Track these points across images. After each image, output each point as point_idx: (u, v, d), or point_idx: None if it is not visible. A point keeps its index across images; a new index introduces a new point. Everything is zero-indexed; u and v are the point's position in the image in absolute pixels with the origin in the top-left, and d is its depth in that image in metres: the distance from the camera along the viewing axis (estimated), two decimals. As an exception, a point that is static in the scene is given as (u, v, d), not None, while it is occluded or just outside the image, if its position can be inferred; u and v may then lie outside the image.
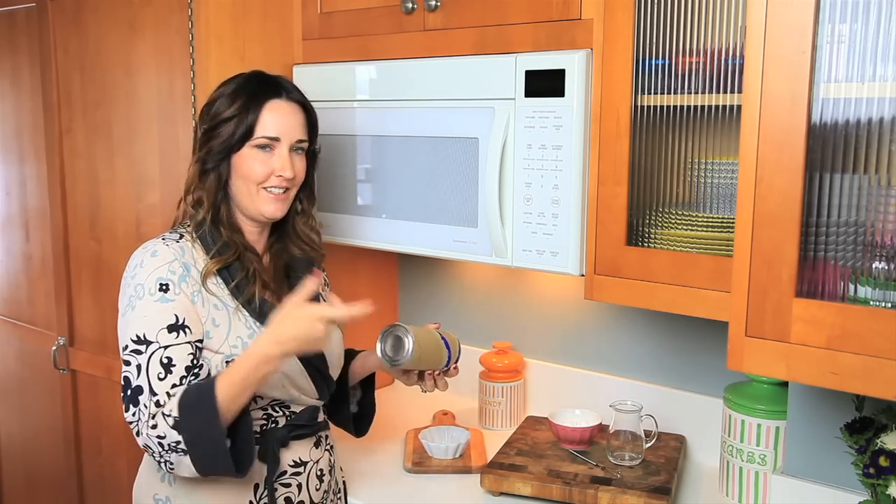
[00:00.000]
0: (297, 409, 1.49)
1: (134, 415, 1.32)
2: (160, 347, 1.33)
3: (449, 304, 2.25)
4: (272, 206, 1.47)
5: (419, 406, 2.11)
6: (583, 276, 1.55)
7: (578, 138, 1.51)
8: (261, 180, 1.45)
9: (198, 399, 1.30)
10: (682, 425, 1.84)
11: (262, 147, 1.44)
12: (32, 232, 2.39)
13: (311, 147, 1.53)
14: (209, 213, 1.45)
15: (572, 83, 1.49)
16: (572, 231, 1.54)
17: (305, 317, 1.31)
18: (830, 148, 1.17)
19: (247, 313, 1.43)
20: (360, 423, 1.71)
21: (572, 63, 1.49)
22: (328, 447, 1.57)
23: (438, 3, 1.69)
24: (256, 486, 1.45)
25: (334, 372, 1.56)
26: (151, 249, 1.40)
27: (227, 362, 1.39)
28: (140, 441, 1.33)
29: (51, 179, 2.25)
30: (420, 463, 1.77)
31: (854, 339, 1.12)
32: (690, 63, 1.42)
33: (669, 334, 1.87)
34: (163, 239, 1.42)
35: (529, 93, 1.54)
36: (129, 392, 1.33)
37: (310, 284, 1.35)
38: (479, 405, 2.06)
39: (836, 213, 1.18)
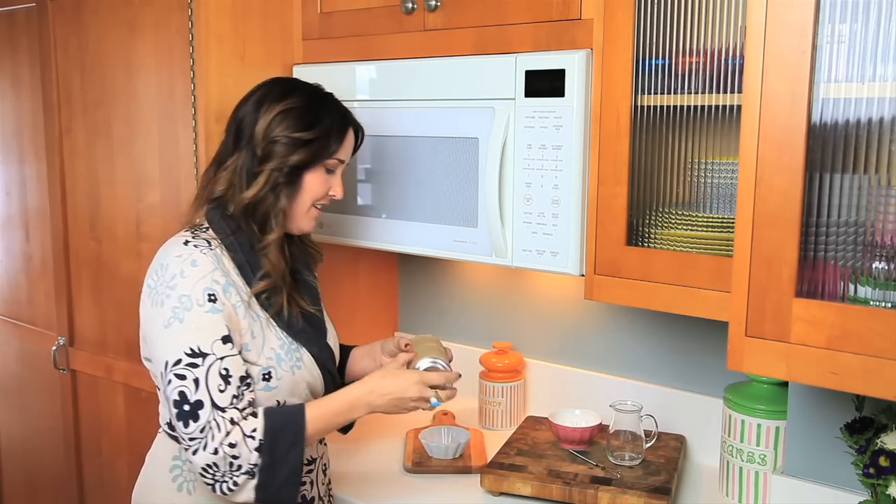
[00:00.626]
0: None
1: (202, 431, 1.28)
2: (217, 359, 1.31)
3: (449, 304, 2.25)
4: (312, 224, 1.50)
5: (419, 406, 2.11)
6: (583, 276, 1.55)
7: (578, 138, 1.51)
8: (319, 199, 1.47)
9: (285, 424, 1.33)
10: (682, 425, 1.84)
11: (329, 169, 1.47)
12: (32, 232, 2.39)
13: None
14: (260, 224, 1.42)
15: (572, 83, 1.49)
16: (572, 231, 1.54)
17: (412, 379, 1.43)
18: (830, 148, 1.17)
19: (276, 325, 1.43)
20: None
21: (572, 63, 1.49)
22: (324, 441, 1.59)
23: (438, 3, 1.69)
24: None
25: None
26: (189, 258, 1.34)
27: (263, 375, 1.38)
28: (198, 458, 1.29)
29: (51, 179, 2.25)
30: (420, 463, 1.77)
31: (854, 339, 1.12)
32: (690, 63, 1.42)
33: (669, 334, 1.87)
34: (195, 246, 1.37)
35: (529, 93, 1.54)
36: (186, 407, 1.29)
37: (403, 357, 1.52)
38: (479, 405, 2.06)
39: (836, 213, 1.18)
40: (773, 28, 1.15)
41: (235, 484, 1.29)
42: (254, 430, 1.31)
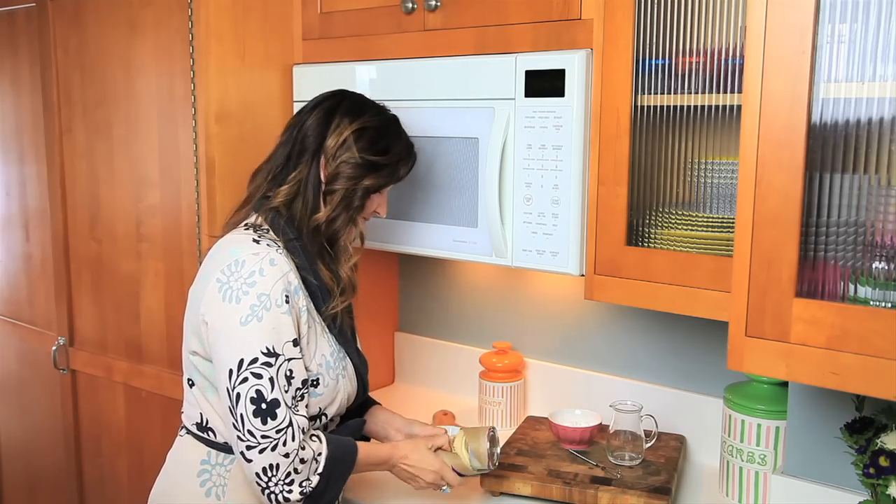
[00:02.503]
0: (334, 418, 1.51)
1: (278, 431, 1.28)
2: (286, 360, 1.32)
3: (449, 304, 2.25)
4: (356, 241, 1.53)
5: (419, 406, 2.11)
6: (583, 276, 1.55)
7: (578, 138, 1.51)
8: (366, 216, 1.50)
9: (343, 457, 1.38)
10: (682, 425, 1.84)
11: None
12: (32, 232, 2.39)
13: None
14: (329, 241, 1.44)
15: (572, 83, 1.49)
16: (572, 231, 1.54)
17: (433, 466, 1.47)
18: (830, 148, 1.17)
19: (329, 332, 1.44)
20: None
21: (572, 63, 1.49)
22: None
23: (438, 3, 1.69)
24: None
25: None
26: (267, 257, 1.33)
27: (312, 381, 1.39)
28: (264, 458, 1.28)
29: (51, 179, 2.25)
30: (420, 463, 1.77)
31: (854, 339, 1.12)
32: (690, 63, 1.42)
33: (669, 334, 1.87)
34: (268, 245, 1.36)
35: (529, 93, 1.54)
36: (262, 405, 1.28)
37: (440, 440, 1.52)
38: (479, 405, 2.06)
39: (836, 213, 1.18)
40: (773, 28, 1.15)
41: (286, 498, 1.30)
42: (320, 455, 1.34)
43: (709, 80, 1.40)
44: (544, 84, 1.52)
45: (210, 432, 1.42)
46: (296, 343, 1.34)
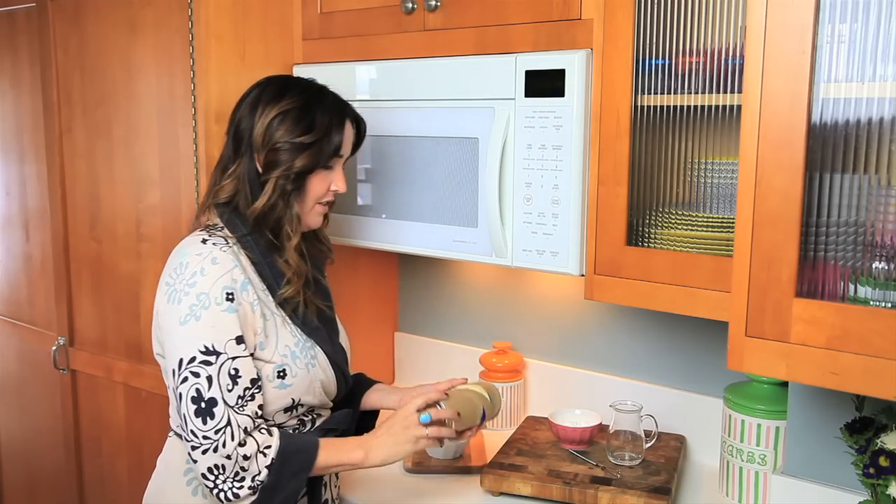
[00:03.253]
0: (321, 412, 1.50)
1: (217, 432, 1.28)
2: (229, 359, 1.31)
3: (449, 304, 2.25)
4: (318, 220, 1.49)
5: (419, 406, 2.11)
6: (583, 276, 1.55)
7: (578, 138, 1.51)
8: (321, 196, 1.45)
9: (297, 452, 1.34)
10: (682, 425, 1.84)
11: (329, 166, 1.45)
12: (32, 232, 2.39)
13: None
14: (273, 231, 1.42)
15: (572, 83, 1.49)
16: (572, 231, 1.54)
17: (398, 415, 1.42)
18: (830, 148, 1.17)
19: (291, 323, 1.43)
20: (360, 431, 1.65)
21: (572, 63, 1.49)
22: None
23: (438, 3, 1.69)
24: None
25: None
26: (209, 256, 1.34)
27: (278, 373, 1.38)
28: (207, 459, 1.28)
29: (51, 179, 2.25)
30: (420, 463, 1.77)
31: (854, 339, 1.12)
32: (690, 63, 1.42)
33: (669, 334, 1.87)
34: (214, 244, 1.36)
35: (529, 93, 1.54)
36: (202, 404, 1.29)
37: (429, 397, 1.45)
38: (479, 405, 2.06)
39: (836, 213, 1.18)
40: (773, 28, 1.15)
41: (235, 495, 1.29)
42: (268, 448, 1.32)
43: (709, 80, 1.40)
44: (544, 84, 1.52)
45: None
46: (240, 341, 1.33)
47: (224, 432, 1.29)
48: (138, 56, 1.97)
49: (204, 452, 1.29)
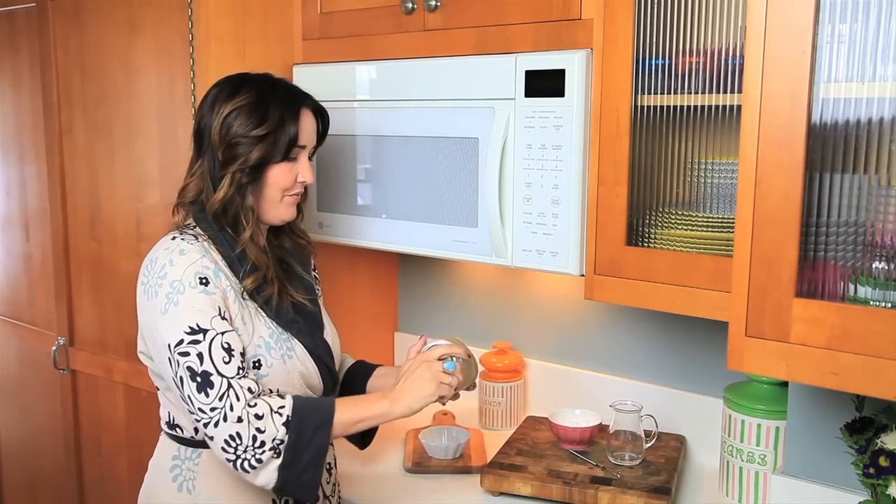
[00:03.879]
0: None
1: (221, 398, 1.28)
2: (217, 334, 1.32)
3: (449, 304, 2.25)
4: (291, 211, 1.48)
5: (419, 406, 2.11)
6: (583, 276, 1.55)
7: (578, 138, 1.51)
8: (288, 188, 1.46)
9: (314, 408, 1.34)
10: (682, 425, 1.84)
11: (292, 157, 1.45)
12: (32, 232, 2.39)
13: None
14: (232, 225, 1.42)
15: (572, 83, 1.49)
16: (572, 231, 1.54)
17: (417, 361, 1.45)
18: (830, 148, 1.17)
19: (265, 315, 1.43)
20: (365, 434, 1.65)
21: (572, 63, 1.49)
22: (331, 441, 1.58)
23: (438, 3, 1.69)
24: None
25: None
26: (177, 248, 1.36)
27: (254, 363, 1.39)
28: (220, 430, 1.28)
29: (51, 179, 2.25)
30: (420, 463, 1.77)
31: (854, 339, 1.12)
32: (690, 63, 1.42)
33: (669, 334, 1.87)
34: (182, 239, 1.38)
35: (529, 93, 1.54)
36: (197, 380, 1.29)
37: (439, 350, 1.49)
38: (479, 405, 2.06)
39: (836, 213, 1.18)
40: (773, 28, 1.15)
41: (259, 461, 1.28)
42: (281, 407, 1.32)
43: (709, 80, 1.40)
44: (544, 84, 1.52)
45: (178, 429, 1.46)
46: (223, 318, 1.34)
47: (227, 396, 1.29)
48: (138, 56, 1.97)
49: (216, 425, 1.29)
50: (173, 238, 1.40)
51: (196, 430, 1.42)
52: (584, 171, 1.52)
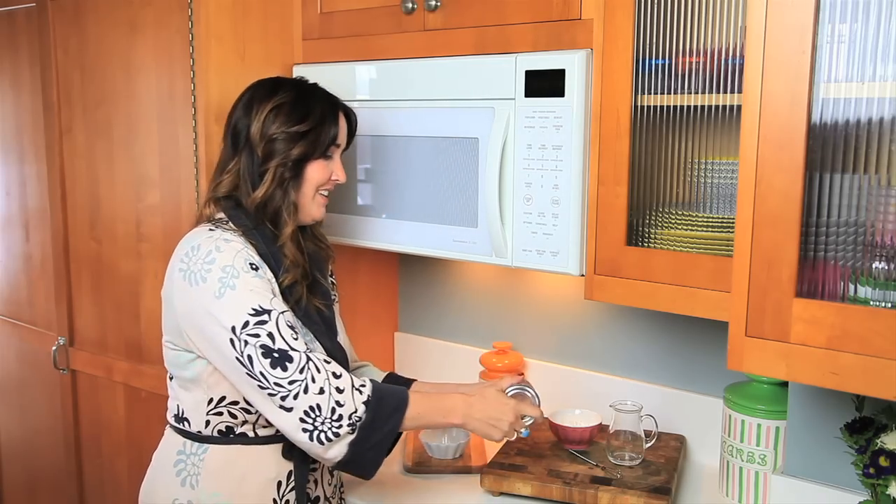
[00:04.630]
0: None
1: (301, 371, 1.30)
2: (280, 313, 1.35)
3: (449, 304, 2.25)
4: (322, 210, 1.52)
5: (419, 406, 2.11)
6: (583, 276, 1.55)
7: (578, 138, 1.51)
8: (322, 185, 1.49)
9: (391, 393, 1.39)
10: (682, 425, 1.84)
11: (328, 155, 1.49)
12: (32, 232, 2.39)
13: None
14: (272, 221, 1.45)
15: (572, 83, 1.49)
16: (572, 231, 1.54)
17: (509, 405, 1.46)
18: (830, 148, 1.17)
19: (296, 314, 1.44)
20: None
21: (572, 63, 1.49)
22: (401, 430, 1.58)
23: (438, 3, 1.69)
24: (279, 484, 1.47)
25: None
26: (220, 237, 1.38)
27: None
28: (300, 402, 1.30)
29: (51, 179, 2.25)
30: (420, 463, 1.77)
31: (854, 339, 1.12)
32: (690, 63, 1.42)
33: (669, 334, 1.87)
34: (222, 231, 1.40)
35: (529, 93, 1.54)
36: (273, 355, 1.31)
37: (505, 382, 1.54)
38: (479, 405, 2.05)
39: (836, 213, 1.18)
40: (773, 28, 1.15)
41: (336, 434, 1.31)
42: (362, 385, 1.35)
43: (709, 80, 1.40)
44: (544, 84, 1.52)
45: (185, 422, 1.46)
46: (278, 299, 1.37)
47: (307, 369, 1.32)
48: (138, 56, 1.97)
49: (295, 397, 1.31)
50: (210, 229, 1.41)
51: (207, 423, 1.43)
52: (584, 171, 1.52)
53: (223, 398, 1.42)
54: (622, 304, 1.64)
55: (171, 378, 1.49)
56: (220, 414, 1.43)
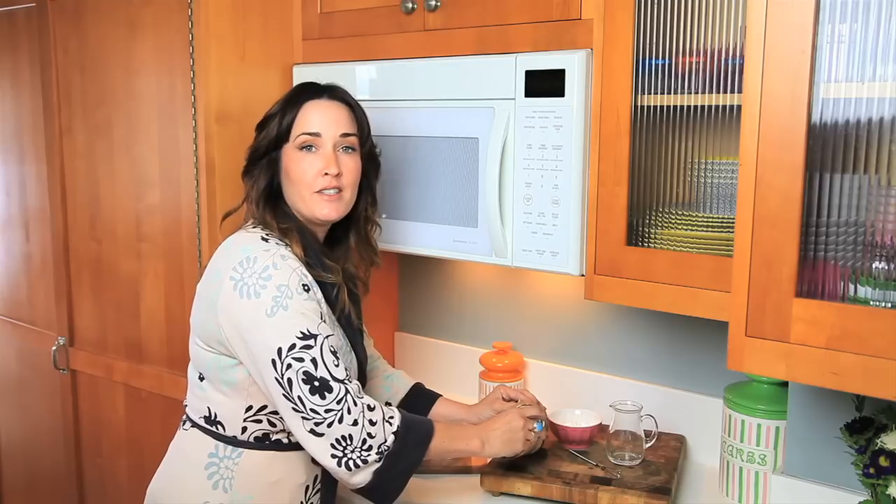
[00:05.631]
0: None
1: (339, 402, 1.32)
2: (325, 338, 1.35)
3: (449, 304, 2.25)
4: (326, 208, 1.46)
5: (419, 406, 2.11)
6: (583, 276, 1.55)
7: (578, 138, 1.51)
8: (310, 182, 1.45)
9: (418, 423, 1.42)
10: (682, 425, 1.84)
11: (306, 147, 1.46)
12: (32, 232, 2.39)
13: (364, 147, 1.54)
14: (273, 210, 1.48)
15: (572, 83, 1.49)
16: (572, 231, 1.54)
17: (512, 413, 1.56)
18: (830, 148, 1.16)
19: (340, 324, 1.46)
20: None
21: (572, 63, 1.49)
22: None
23: (438, 3, 1.69)
24: (307, 489, 1.49)
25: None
26: (277, 252, 1.38)
27: None
28: (333, 431, 1.31)
29: (51, 179, 2.25)
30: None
31: (854, 339, 1.12)
32: (690, 63, 1.42)
33: (669, 334, 1.87)
34: (276, 243, 1.41)
35: (529, 93, 1.54)
36: (315, 383, 1.32)
37: (531, 410, 1.61)
38: (479, 405, 2.06)
39: (836, 213, 1.18)
40: (773, 28, 1.15)
41: (364, 461, 1.33)
42: (392, 417, 1.37)
43: (709, 80, 1.40)
44: (544, 84, 1.52)
45: (219, 426, 1.44)
46: (324, 321, 1.38)
47: (345, 400, 1.33)
48: (138, 56, 1.97)
49: (329, 426, 1.32)
50: (264, 238, 1.41)
51: (244, 429, 1.42)
52: (584, 171, 1.52)
53: (263, 407, 1.41)
54: (622, 304, 1.64)
55: (200, 379, 1.46)
56: (259, 421, 1.42)
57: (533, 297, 2.08)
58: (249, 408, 1.41)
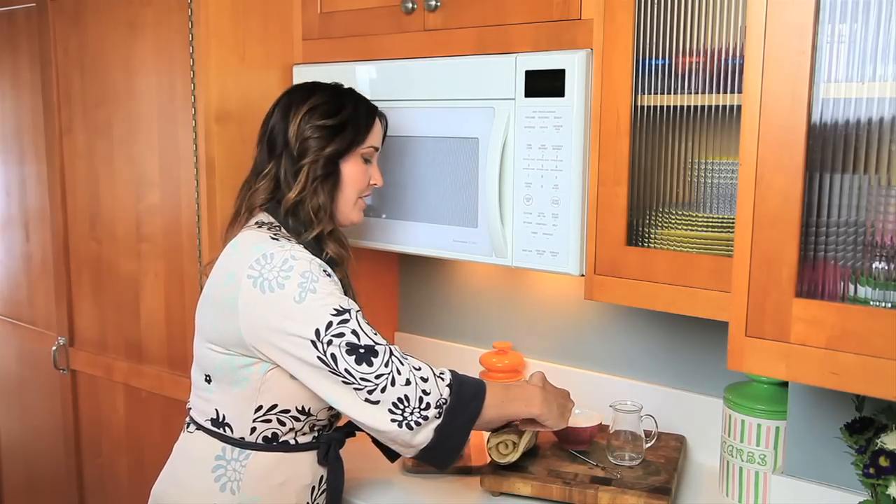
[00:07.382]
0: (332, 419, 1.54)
1: (387, 364, 1.33)
2: (357, 311, 1.37)
3: (449, 304, 2.25)
4: (361, 215, 1.56)
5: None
6: (583, 276, 1.55)
7: (578, 138, 1.51)
8: (363, 189, 1.53)
9: (470, 379, 1.42)
10: (682, 425, 1.84)
11: (366, 158, 1.53)
12: (32, 232, 2.39)
13: None
14: (304, 227, 1.47)
15: (572, 83, 1.49)
16: (572, 231, 1.54)
17: (566, 392, 1.61)
18: (830, 148, 1.17)
19: None
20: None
21: (572, 63, 1.49)
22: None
23: (438, 3, 1.69)
24: (313, 490, 1.49)
25: None
26: (291, 249, 1.39)
27: None
28: (388, 394, 1.32)
29: (51, 179, 2.25)
30: (420, 463, 1.77)
31: (854, 339, 1.12)
32: (690, 63, 1.42)
33: (669, 334, 1.87)
34: (287, 240, 1.42)
35: (529, 93, 1.54)
36: (360, 351, 1.33)
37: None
38: (479, 405, 2.05)
39: (836, 213, 1.18)
40: (773, 28, 1.15)
41: (424, 418, 1.33)
42: (442, 373, 1.39)
43: (709, 80, 1.40)
44: (544, 84, 1.52)
45: (226, 427, 1.43)
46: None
47: (392, 362, 1.34)
48: (138, 56, 1.97)
49: (383, 390, 1.32)
50: (273, 237, 1.42)
51: (252, 429, 1.42)
52: (584, 171, 1.52)
53: (274, 406, 1.41)
54: (622, 304, 1.64)
55: (207, 381, 1.45)
56: (269, 421, 1.42)
57: (533, 297, 2.08)
58: (259, 408, 1.41)
